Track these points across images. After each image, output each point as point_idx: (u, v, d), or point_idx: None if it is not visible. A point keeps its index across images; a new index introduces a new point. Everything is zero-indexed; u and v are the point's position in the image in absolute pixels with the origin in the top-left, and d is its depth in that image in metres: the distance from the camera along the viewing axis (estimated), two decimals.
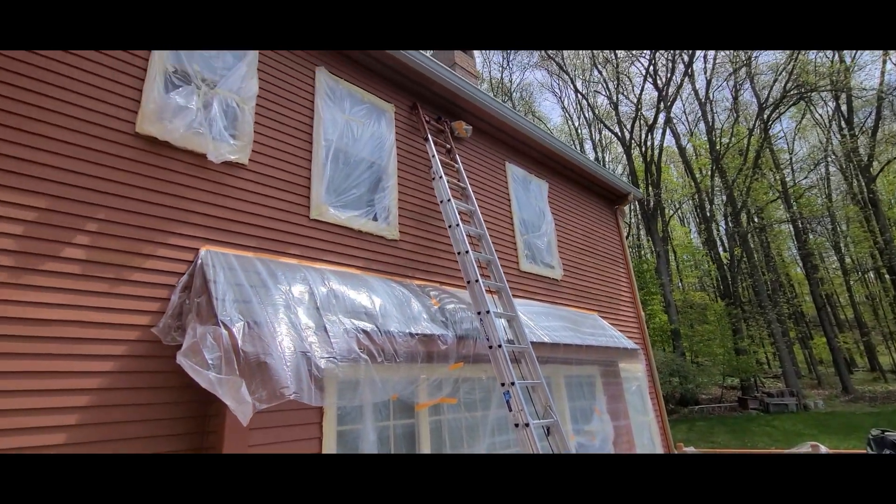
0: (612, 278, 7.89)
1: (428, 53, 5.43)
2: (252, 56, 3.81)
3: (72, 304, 2.58)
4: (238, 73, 3.66)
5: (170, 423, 2.74)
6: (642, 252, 32.06)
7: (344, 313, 3.26)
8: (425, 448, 3.66)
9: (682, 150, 27.43)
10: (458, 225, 4.34)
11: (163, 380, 2.76)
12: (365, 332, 3.23)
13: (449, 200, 4.47)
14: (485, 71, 30.43)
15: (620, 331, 7.00)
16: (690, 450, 7.14)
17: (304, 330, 2.86)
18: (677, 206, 34.37)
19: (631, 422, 6.49)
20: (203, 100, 3.39)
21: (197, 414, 2.84)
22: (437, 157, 4.75)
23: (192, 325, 2.61)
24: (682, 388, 20.29)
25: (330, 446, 3.09)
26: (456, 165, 5.16)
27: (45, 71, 2.82)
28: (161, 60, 3.28)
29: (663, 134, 26.81)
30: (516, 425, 3.46)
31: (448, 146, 5.32)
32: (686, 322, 24.88)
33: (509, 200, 6.20)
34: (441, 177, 4.61)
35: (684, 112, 31.69)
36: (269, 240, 3.56)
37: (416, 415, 3.73)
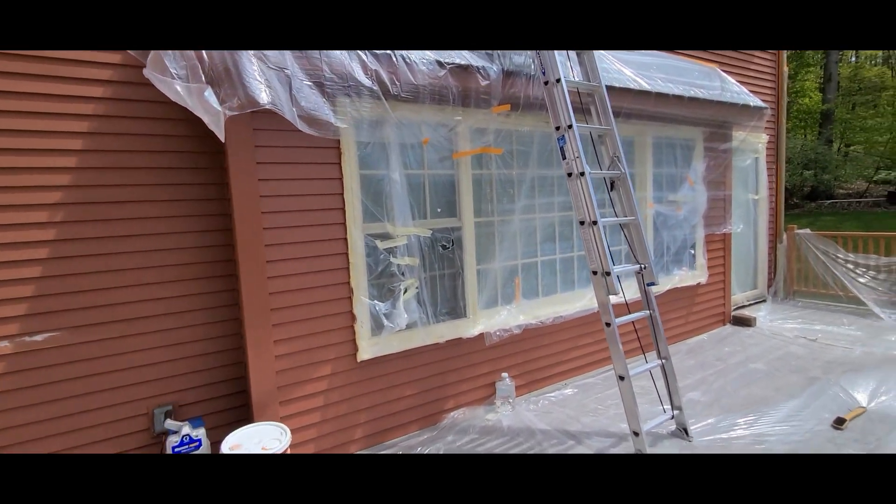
0: None
1: None
2: None
3: None
4: None
5: (177, 156, 2.64)
6: None
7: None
8: (466, 198, 3.33)
9: None
10: None
11: (150, 110, 2.55)
12: (373, 54, 2.59)
13: None
14: None
15: (750, 90, 5.43)
16: (805, 232, 6.16)
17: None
18: None
19: (733, 197, 5.55)
20: None
21: (207, 150, 2.69)
22: None
23: None
24: (815, 180, 17.48)
25: (352, 188, 2.87)
26: None
27: None
28: None
29: None
30: (569, 174, 2.88)
31: None
32: (847, 104, 19.86)
33: None
34: None
35: None
36: None
37: (455, 166, 3.30)
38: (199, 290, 2.73)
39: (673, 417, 2.95)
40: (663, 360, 2.98)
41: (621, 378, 2.74)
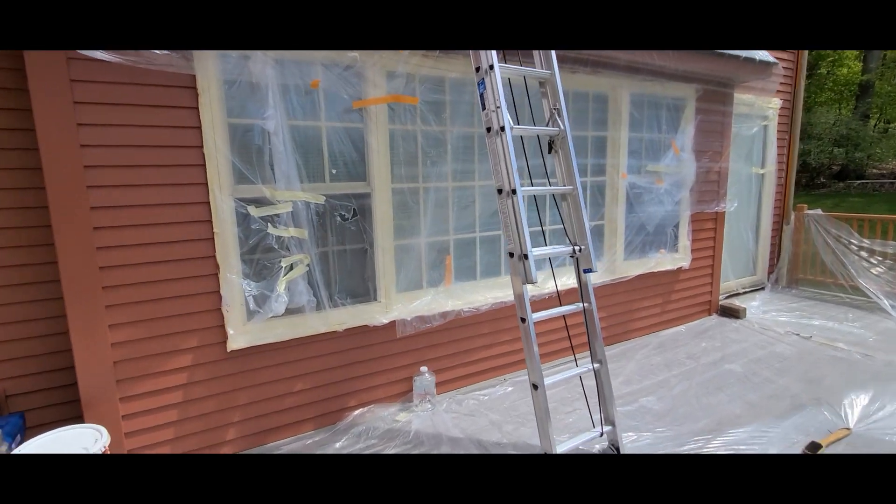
0: None
1: None
2: None
3: None
4: None
5: None
6: None
7: None
8: (379, 159, 2.74)
9: None
10: None
11: None
12: None
13: None
14: None
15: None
16: (816, 213, 5.39)
17: None
18: None
19: (733, 170, 4.82)
20: None
21: None
22: None
23: None
24: (846, 158, 16.16)
25: (215, 141, 2.31)
26: None
27: None
28: None
29: None
30: (488, 129, 2.27)
31: None
32: (890, 76, 18.11)
33: None
34: None
35: None
36: None
37: (363, 118, 2.70)
38: (23, 261, 2.26)
39: (603, 434, 2.41)
40: (597, 365, 2.42)
41: (535, 387, 2.20)
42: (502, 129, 2.20)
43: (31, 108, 1.98)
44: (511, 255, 2.23)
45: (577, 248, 2.40)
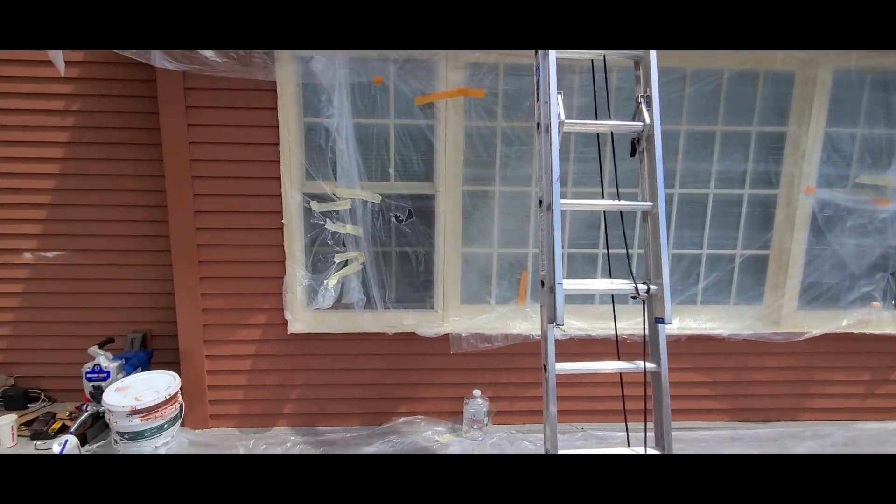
0: None
1: None
2: None
3: None
4: None
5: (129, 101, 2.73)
6: None
7: None
8: (449, 157, 2.55)
9: None
10: None
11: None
12: None
13: None
14: None
15: None
16: None
17: None
18: None
19: None
20: None
21: None
22: None
23: None
24: None
25: (289, 140, 2.49)
26: None
27: None
28: None
29: None
30: (538, 125, 1.86)
31: None
32: None
33: None
34: None
35: None
36: None
37: (434, 112, 2.54)
38: (165, 232, 2.87)
39: None
40: None
41: None
42: (548, 126, 1.76)
43: (158, 112, 2.48)
44: (542, 283, 1.79)
45: (645, 286, 1.77)
